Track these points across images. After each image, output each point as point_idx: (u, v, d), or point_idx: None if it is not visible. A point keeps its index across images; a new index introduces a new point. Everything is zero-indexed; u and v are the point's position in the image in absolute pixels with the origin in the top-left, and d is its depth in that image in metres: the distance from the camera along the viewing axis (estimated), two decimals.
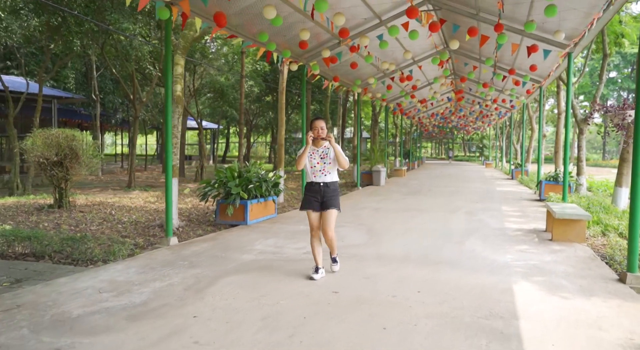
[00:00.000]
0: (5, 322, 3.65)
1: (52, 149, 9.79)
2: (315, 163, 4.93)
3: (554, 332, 3.57)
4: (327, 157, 4.93)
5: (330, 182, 4.94)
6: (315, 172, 4.94)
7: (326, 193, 4.89)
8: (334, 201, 4.91)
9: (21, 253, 5.96)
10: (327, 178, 4.92)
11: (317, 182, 4.92)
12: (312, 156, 4.96)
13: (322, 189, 4.90)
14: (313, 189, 4.94)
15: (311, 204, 4.93)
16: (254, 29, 8.48)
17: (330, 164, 4.92)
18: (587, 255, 6.17)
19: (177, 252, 6.24)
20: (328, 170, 4.93)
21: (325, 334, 3.47)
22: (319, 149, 4.97)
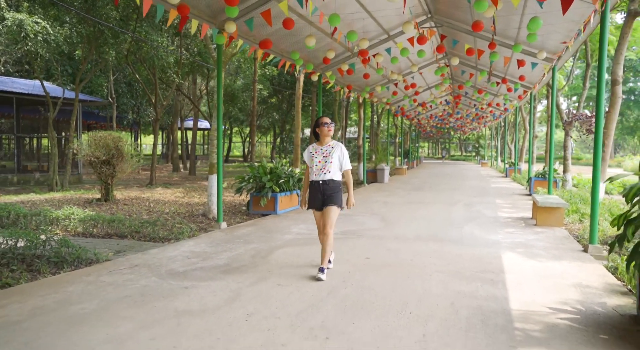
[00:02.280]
0: (136, 274, 5.06)
1: (102, 149, 11.19)
2: (317, 162, 4.99)
3: (529, 279, 5.00)
4: (330, 156, 4.99)
5: (330, 180, 4.96)
6: (316, 171, 4.99)
7: (326, 191, 4.95)
8: (334, 198, 4.95)
9: (107, 233, 7.37)
10: (327, 176, 4.96)
11: (317, 180, 4.98)
12: (315, 155, 5.04)
13: (322, 186, 4.95)
14: (314, 187, 5.01)
15: (314, 202, 5.02)
16: (282, 45, 9.90)
17: (331, 163, 4.97)
18: (563, 236, 7.63)
19: (230, 233, 7.66)
20: (328, 169, 4.96)
21: (366, 281, 4.89)
22: (323, 147, 5.06)
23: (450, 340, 3.36)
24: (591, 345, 3.30)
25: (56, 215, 7.89)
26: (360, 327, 3.59)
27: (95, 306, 4.04)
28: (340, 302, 4.19)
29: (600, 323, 3.74)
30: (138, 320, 3.73)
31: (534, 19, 7.12)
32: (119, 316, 3.81)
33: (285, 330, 3.53)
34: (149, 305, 4.08)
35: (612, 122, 11.11)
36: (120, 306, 4.06)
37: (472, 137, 56.04)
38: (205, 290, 4.54)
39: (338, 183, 5.04)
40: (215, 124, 9.62)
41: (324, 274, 4.91)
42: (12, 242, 5.68)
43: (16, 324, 3.63)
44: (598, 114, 6.45)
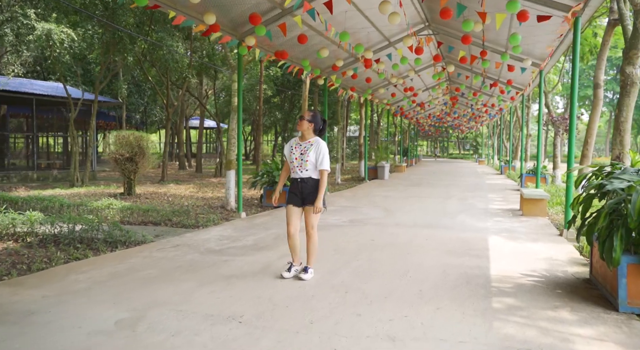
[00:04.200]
0: (180, 251, 6.07)
1: (126, 147, 12.19)
2: (294, 158, 4.79)
3: (508, 255, 6.01)
4: (306, 154, 4.74)
5: (308, 178, 4.74)
6: (294, 168, 4.81)
7: (304, 189, 4.75)
8: (313, 197, 4.75)
9: (142, 221, 8.37)
10: (304, 174, 4.74)
11: (296, 177, 4.79)
12: (294, 151, 4.83)
13: (300, 184, 4.76)
14: (294, 185, 4.84)
15: (292, 198, 4.86)
16: (293, 52, 10.90)
17: (307, 161, 4.72)
18: (544, 223, 8.65)
19: (250, 221, 8.67)
20: (305, 167, 4.73)
21: (373, 256, 5.89)
22: (302, 144, 4.83)
23: (440, 293, 4.38)
24: (548, 296, 4.31)
25: (96, 206, 8.90)
26: (371, 286, 4.60)
27: (157, 272, 5.04)
28: (353, 270, 5.20)
29: (559, 283, 4.75)
30: (195, 281, 4.74)
31: (513, 35, 8.13)
32: (179, 279, 4.82)
33: (312, 287, 4.54)
34: (200, 272, 5.08)
35: (594, 122, 12.13)
36: (177, 272, 5.06)
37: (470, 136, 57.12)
38: (241, 262, 5.55)
39: (317, 182, 4.79)
40: (232, 124, 10.62)
41: (309, 274, 4.79)
42: (71, 226, 6.69)
43: (102, 283, 4.63)
44: (572, 115, 7.45)
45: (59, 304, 4.00)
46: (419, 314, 3.82)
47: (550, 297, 4.28)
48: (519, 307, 3.99)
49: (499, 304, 4.06)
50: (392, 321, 3.65)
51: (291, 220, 4.87)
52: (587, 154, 12.36)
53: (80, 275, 4.87)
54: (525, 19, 6.48)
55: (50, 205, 8.79)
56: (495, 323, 3.61)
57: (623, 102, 8.01)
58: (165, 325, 3.55)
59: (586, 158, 12.43)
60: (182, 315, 3.75)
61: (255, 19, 7.47)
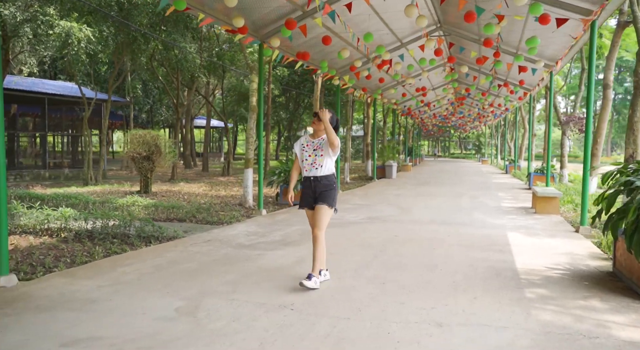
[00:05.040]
0: (213, 246, 6.29)
1: (144, 146, 12.41)
2: (307, 156, 4.59)
3: (529, 250, 6.24)
4: (320, 149, 4.54)
5: (322, 176, 4.54)
6: (306, 166, 4.61)
7: (317, 187, 4.54)
8: (325, 196, 4.52)
9: (167, 217, 8.59)
10: (318, 172, 4.54)
11: (308, 176, 4.60)
12: (306, 148, 4.63)
13: (313, 183, 4.57)
14: (306, 184, 4.65)
15: (306, 201, 4.65)
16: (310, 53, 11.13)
17: (322, 156, 4.51)
18: (558, 221, 8.87)
19: (271, 218, 8.89)
20: (319, 163, 4.53)
21: (399, 251, 6.11)
22: (315, 141, 4.63)
23: (473, 284, 4.60)
24: (576, 287, 4.54)
25: (121, 203, 9.12)
26: (405, 277, 4.82)
27: (197, 265, 5.27)
28: (383, 263, 5.42)
29: (583, 276, 4.98)
30: (236, 273, 4.96)
31: (532, 38, 8.34)
32: (220, 271, 5.04)
33: (349, 279, 4.76)
34: (238, 265, 5.31)
35: (604, 121, 12.37)
36: (216, 265, 5.29)
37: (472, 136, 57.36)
38: (274, 256, 5.77)
39: (331, 180, 4.59)
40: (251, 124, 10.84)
41: (312, 282, 4.35)
42: (104, 222, 6.91)
43: (149, 274, 4.85)
44: (588, 115, 7.67)
45: (116, 293, 4.22)
46: (458, 302, 4.04)
47: (579, 289, 4.50)
48: (551, 297, 4.21)
49: (532, 294, 4.28)
50: (434, 309, 3.87)
51: (312, 224, 4.65)
52: (597, 153, 12.58)
53: (126, 268, 5.09)
54: (547, 22, 6.70)
55: (77, 202, 9.01)
56: (532, 311, 3.83)
57: (637, 102, 8.23)
58: (222, 312, 3.77)
59: (595, 157, 12.64)
60: (236, 304, 3.97)
61: (290, 24, 7.74)
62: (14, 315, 3.65)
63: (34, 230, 7.02)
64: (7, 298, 4.03)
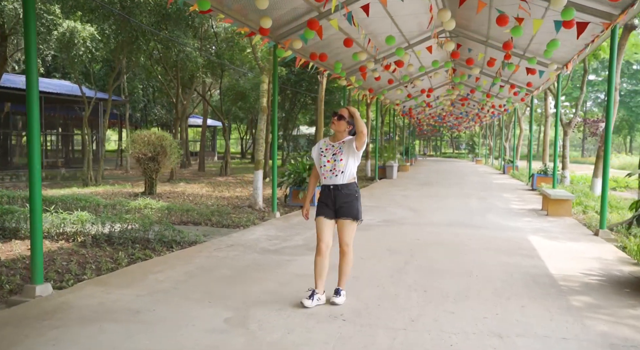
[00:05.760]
0: (238, 251, 6.19)
1: (150, 147, 12.23)
2: (325, 162, 4.11)
3: (557, 254, 6.22)
4: (340, 153, 4.08)
5: (342, 185, 4.06)
6: (324, 173, 4.12)
7: (338, 198, 4.06)
8: (350, 208, 4.06)
9: (181, 220, 8.45)
10: (338, 179, 4.07)
11: (327, 184, 4.11)
12: (324, 153, 4.16)
13: (333, 193, 4.07)
14: (324, 193, 4.15)
15: (323, 210, 4.15)
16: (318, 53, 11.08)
17: (341, 161, 4.05)
18: (573, 223, 8.90)
19: (286, 221, 8.79)
20: (339, 169, 4.05)
21: (429, 255, 6.06)
22: (335, 144, 4.17)
23: (516, 291, 4.56)
24: (618, 295, 4.52)
25: (134, 205, 8.96)
26: (445, 285, 4.77)
27: (230, 272, 5.16)
28: (418, 269, 5.36)
29: (621, 282, 4.96)
30: (273, 280, 4.87)
31: (553, 41, 8.35)
32: (255, 278, 4.94)
33: (391, 286, 4.70)
34: (272, 271, 5.21)
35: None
36: (250, 271, 5.19)
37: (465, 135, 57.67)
38: (304, 262, 5.68)
39: (353, 188, 4.12)
40: (261, 125, 10.74)
41: (342, 297, 4.18)
42: (124, 226, 6.77)
43: (184, 282, 4.74)
44: (608, 119, 7.69)
45: (157, 302, 4.11)
46: (508, 311, 3.99)
47: (622, 296, 4.48)
48: (598, 306, 4.18)
49: (578, 303, 4.25)
50: (486, 319, 3.82)
51: (323, 235, 4.11)
52: (602, 155, 12.66)
53: (157, 275, 4.97)
54: (572, 26, 6.69)
55: (87, 205, 8.84)
56: (586, 321, 3.80)
57: None
58: (273, 323, 3.68)
59: (601, 159, 12.73)
60: (284, 314, 3.88)
61: (313, 24, 7.67)
62: (62, 327, 3.52)
63: (49, 234, 6.85)
64: (47, 308, 3.90)
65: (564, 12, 6.49)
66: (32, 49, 4.20)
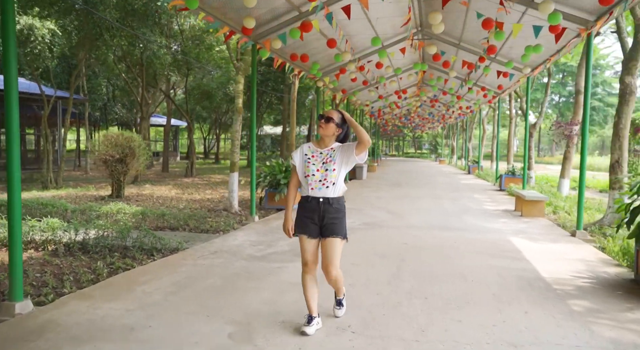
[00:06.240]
0: (224, 258, 5.95)
1: (117, 148, 11.74)
2: (315, 170, 3.58)
3: (542, 257, 6.30)
4: (332, 162, 3.58)
5: (334, 198, 3.57)
6: (312, 183, 3.57)
7: (327, 213, 3.56)
8: (337, 225, 3.59)
9: (157, 226, 8.10)
10: (329, 191, 3.55)
11: (315, 197, 3.57)
12: (311, 161, 3.61)
13: (322, 206, 3.56)
14: (309, 206, 3.60)
15: (306, 227, 3.62)
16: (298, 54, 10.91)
17: (334, 171, 3.56)
18: (548, 224, 9.09)
19: (266, 225, 8.58)
20: (331, 180, 3.55)
21: (420, 260, 6.01)
22: (323, 151, 3.65)
23: (515, 296, 4.56)
24: (613, 298, 4.58)
25: (105, 210, 8.53)
26: (443, 291, 4.71)
27: (221, 282, 4.94)
28: (412, 275, 5.29)
29: (611, 284, 5.05)
30: (268, 289, 4.68)
31: (537, 46, 8.49)
32: (249, 287, 4.75)
33: (390, 294, 4.60)
34: (264, 280, 5.02)
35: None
36: (241, 281, 4.98)
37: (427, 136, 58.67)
38: (295, 268, 5.49)
39: (342, 203, 3.67)
40: (236, 126, 10.46)
41: (344, 308, 4.00)
42: (100, 233, 6.40)
43: (174, 294, 4.49)
44: (584, 122, 7.88)
45: (151, 317, 3.85)
46: (514, 318, 3.97)
47: (617, 299, 4.55)
48: (598, 310, 4.22)
49: (578, 307, 4.28)
50: (495, 327, 3.78)
51: (307, 256, 3.66)
52: (569, 156, 13.08)
53: (144, 286, 4.69)
54: (558, 30, 6.81)
55: (53, 210, 8.35)
56: (592, 327, 3.81)
57: (622, 110, 8.54)
58: (281, 337, 3.51)
59: (568, 160, 13.14)
60: (290, 326, 3.71)
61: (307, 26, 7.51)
62: (52, 349, 3.23)
63: None
64: (31, 328, 3.59)
65: (551, 17, 6.59)
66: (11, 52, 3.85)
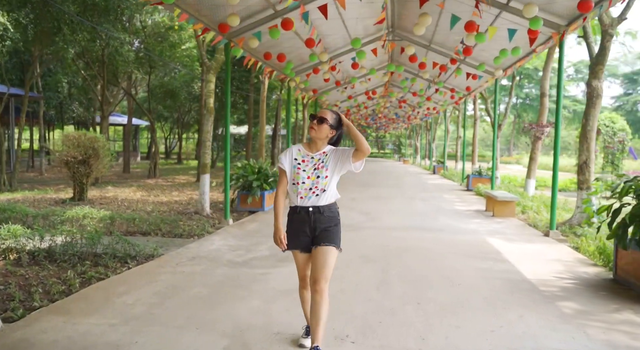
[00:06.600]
0: (205, 265, 5.72)
1: (80, 149, 11.20)
2: (305, 177, 3.26)
3: (523, 258, 6.37)
4: (323, 168, 3.27)
5: (325, 206, 3.29)
6: (301, 191, 3.26)
7: (319, 222, 3.28)
8: (332, 234, 3.31)
9: (127, 231, 7.74)
10: (320, 200, 3.27)
11: (305, 206, 3.27)
12: (301, 166, 3.28)
13: (313, 216, 3.27)
14: (298, 218, 3.31)
15: (298, 241, 3.33)
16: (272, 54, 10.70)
17: (326, 178, 3.26)
18: (520, 224, 9.26)
19: (242, 228, 8.36)
20: (321, 188, 3.25)
21: (403, 263, 5.96)
22: (315, 155, 3.32)
23: (506, 298, 4.56)
24: (600, 298, 4.65)
25: (71, 215, 8.08)
26: (435, 296, 4.66)
27: (206, 290, 4.71)
28: (400, 279, 5.22)
29: (594, 285, 5.14)
30: (257, 298, 4.50)
31: (515, 49, 8.62)
32: (236, 295, 4.55)
33: (383, 300, 4.50)
34: (250, 288, 4.83)
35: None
36: (227, 288, 4.77)
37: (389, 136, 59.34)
38: (281, 275, 5.35)
39: (335, 209, 3.39)
40: (207, 127, 10.17)
41: (308, 340, 3.46)
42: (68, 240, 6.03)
43: (157, 305, 4.24)
44: (557, 124, 8.05)
45: (137, 333, 3.61)
46: (511, 323, 3.95)
47: (603, 300, 4.62)
48: (587, 312, 4.26)
49: (568, 310, 4.31)
50: (494, 332, 3.74)
51: (304, 272, 3.44)
52: (535, 157, 13.42)
53: (124, 298, 4.42)
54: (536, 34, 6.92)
55: (13, 215, 7.85)
56: (587, 330, 3.83)
57: (589, 113, 8.78)
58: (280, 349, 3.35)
59: (533, 161, 13.49)
60: (286, 338, 3.56)
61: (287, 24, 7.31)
62: None
63: None
64: (4, 348, 3.28)
65: (532, 22, 6.68)
66: None
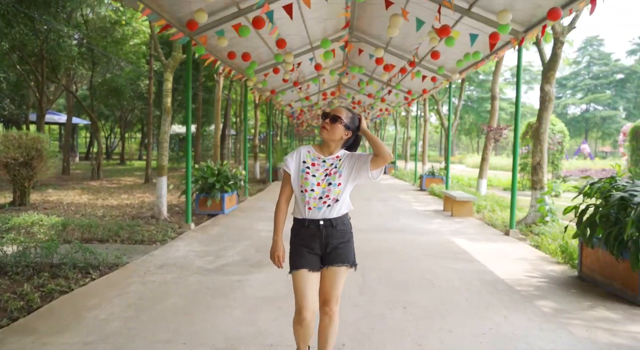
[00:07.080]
0: (175, 273, 5.45)
1: (21, 150, 10.45)
2: (314, 184, 2.80)
3: (490, 257, 6.53)
4: (336, 174, 2.83)
5: (338, 219, 2.84)
6: (310, 201, 2.79)
7: (332, 237, 2.83)
8: (347, 250, 2.88)
9: (83, 238, 7.26)
10: (332, 211, 2.82)
11: (315, 219, 2.81)
12: (311, 170, 2.83)
13: (325, 231, 2.81)
14: (307, 233, 2.83)
15: (305, 259, 2.82)
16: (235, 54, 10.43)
17: (339, 185, 2.81)
18: (479, 223, 9.53)
19: (205, 233, 8.08)
20: (334, 197, 2.80)
21: (380, 266, 5.93)
22: (327, 159, 2.88)
23: (487, 299, 4.63)
24: (572, 296, 4.83)
25: (18, 222, 7.49)
26: (418, 299, 4.67)
27: (184, 301, 4.48)
28: (380, 283, 5.19)
29: (562, 283, 5.34)
30: (239, 307, 4.32)
31: (476, 53, 8.84)
32: (217, 305, 4.35)
33: (368, 304, 4.45)
34: (229, 296, 4.64)
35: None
36: (205, 298, 4.56)
37: None
38: (257, 281, 5.18)
39: (348, 221, 2.94)
40: (165, 127, 9.77)
41: None
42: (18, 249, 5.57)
43: (134, 319, 3.97)
44: (516, 127, 8.34)
45: None
46: (498, 324, 4.01)
47: (575, 297, 4.79)
48: (564, 310, 4.40)
49: (547, 309, 4.44)
50: (485, 335, 3.78)
51: (306, 298, 2.77)
52: (487, 158, 13.90)
53: (96, 312, 4.11)
54: (497, 39, 7.11)
55: None
56: (569, 328, 3.95)
57: (542, 116, 9.17)
58: None
59: (485, 161, 13.97)
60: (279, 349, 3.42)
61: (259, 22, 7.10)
62: None
63: None
64: None
65: (500, 28, 6.87)
66: None
